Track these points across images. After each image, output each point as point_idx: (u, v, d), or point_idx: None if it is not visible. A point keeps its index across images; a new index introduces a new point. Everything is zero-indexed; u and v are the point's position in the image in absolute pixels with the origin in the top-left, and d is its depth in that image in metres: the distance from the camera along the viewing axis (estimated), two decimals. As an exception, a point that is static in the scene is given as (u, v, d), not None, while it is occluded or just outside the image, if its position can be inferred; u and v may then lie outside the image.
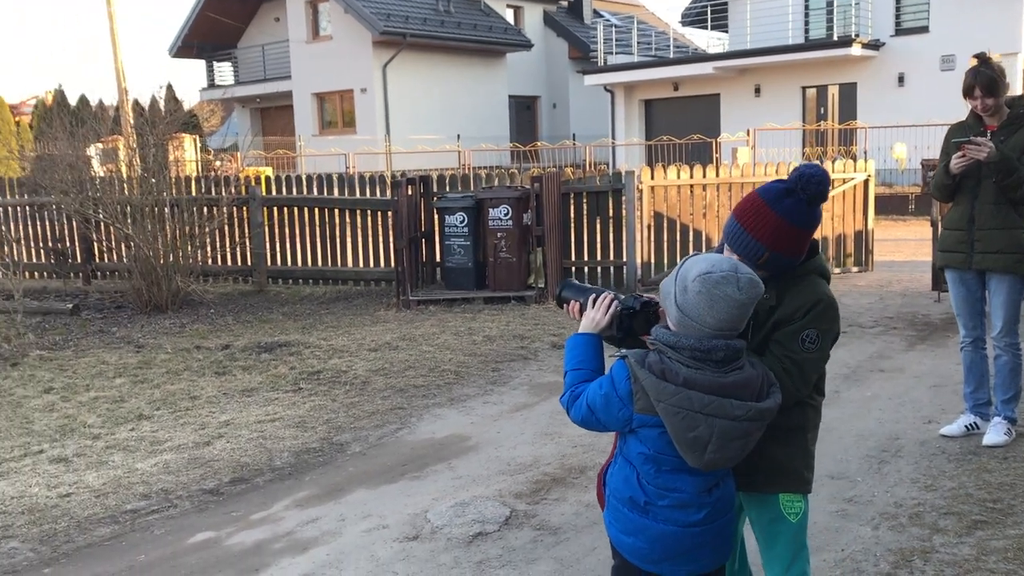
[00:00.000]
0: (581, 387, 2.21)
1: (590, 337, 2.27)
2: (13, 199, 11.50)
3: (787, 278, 2.23)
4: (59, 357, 7.52)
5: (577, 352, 2.27)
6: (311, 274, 10.72)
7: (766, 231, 2.18)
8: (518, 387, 6.18)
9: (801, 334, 2.20)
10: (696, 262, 2.07)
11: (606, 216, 9.83)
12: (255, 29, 31.70)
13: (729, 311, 2.02)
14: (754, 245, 2.20)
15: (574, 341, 2.29)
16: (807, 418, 2.33)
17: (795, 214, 2.19)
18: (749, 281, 2.03)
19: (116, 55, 21.00)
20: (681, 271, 2.08)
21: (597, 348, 2.27)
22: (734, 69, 22.99)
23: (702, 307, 2.02)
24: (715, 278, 2.01)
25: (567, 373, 2.27)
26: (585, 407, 2.17)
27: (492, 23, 29.10)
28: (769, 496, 2.34)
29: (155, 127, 10.56)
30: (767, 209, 2.20)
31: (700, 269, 2.04)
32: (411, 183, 9.59)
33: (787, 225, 2.18)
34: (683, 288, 2.05)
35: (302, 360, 7.10)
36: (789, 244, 2.20)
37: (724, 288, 2.00)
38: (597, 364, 2.25)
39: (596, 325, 2.27)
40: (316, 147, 26.81)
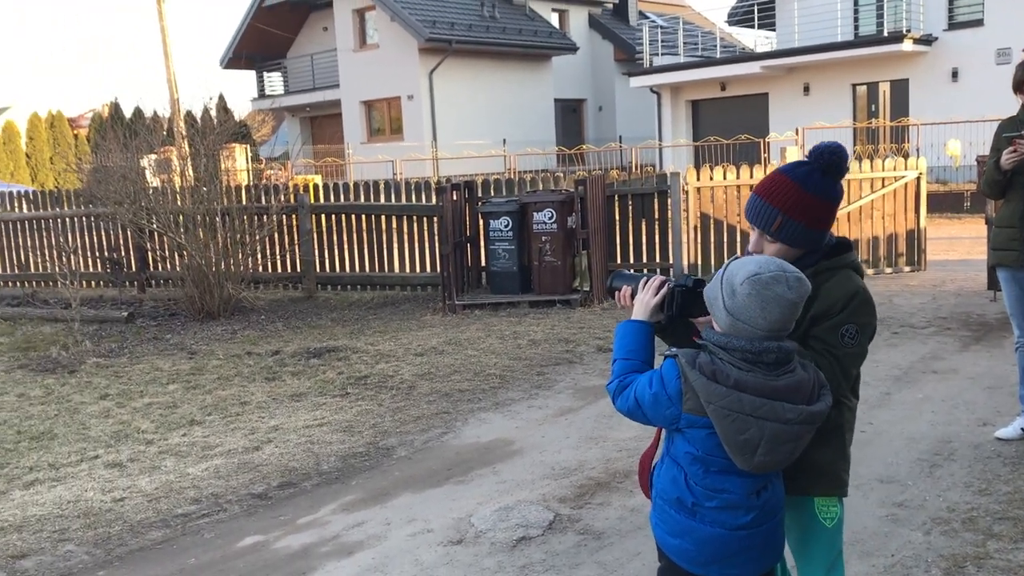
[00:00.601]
0: (630, 378, 2.19)
1: (641, 325, 2.25)
2: (71, 210, 11.81)
3: (822, 271, 2.22)
4: (115, 364, 7.70)
5: (627, 340, 2.25)
6: (359, 280, 10.84)
7: (779, 196, 2.20)
8: (563, 391, 6.17)
9: (840, 329, 2.18)
10: (742, 265, 2.06)
11: (652, 218, 9.78)
12: (304, 39, 32.15)
13: (781, 311, 2.01)
14: (767, 209, 2.21)
15: (625, 328, 2.26)
16: (844, 419, 2.30)
17: (809, 182, 2.19)
18: (797, 279, 2.02)
19: (169, 68, 21.46)
20: (726, 275, 2.07)
21: (648, 337, 2.25)
22: (782, 68, 22.71)
23: (754, 309, 2.01)
24: (765, 279, 2.00)
25: (616, 361, 2.25)
26: (633, 400, 2.16)
27: (537, 27, 29.12)
28: (804, 499, 2.31)
29: (206, 138, 10.77)
30: (782, 176, 2.23)
31: (748, 271, 2.02)
32: (456, 189, 9.64)
33: (801, 191, 2.19)
34: (731, 292, 2.04)
35: (350, 365, 7.17)
36: (804, 211, 2.19)
37: (775, 288, 2.00)
38: (647, 355, 2.23)
39: (647, 307, 2.25)
40: (364, 154, 27.08)
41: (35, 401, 6.57)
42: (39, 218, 11.97)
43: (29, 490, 4.75)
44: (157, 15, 22.25)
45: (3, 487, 4.83)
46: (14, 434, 5.76)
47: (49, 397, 6.67)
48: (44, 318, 9.84)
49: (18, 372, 7.55)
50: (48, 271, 11.61)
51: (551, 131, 29.40)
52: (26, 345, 8.60)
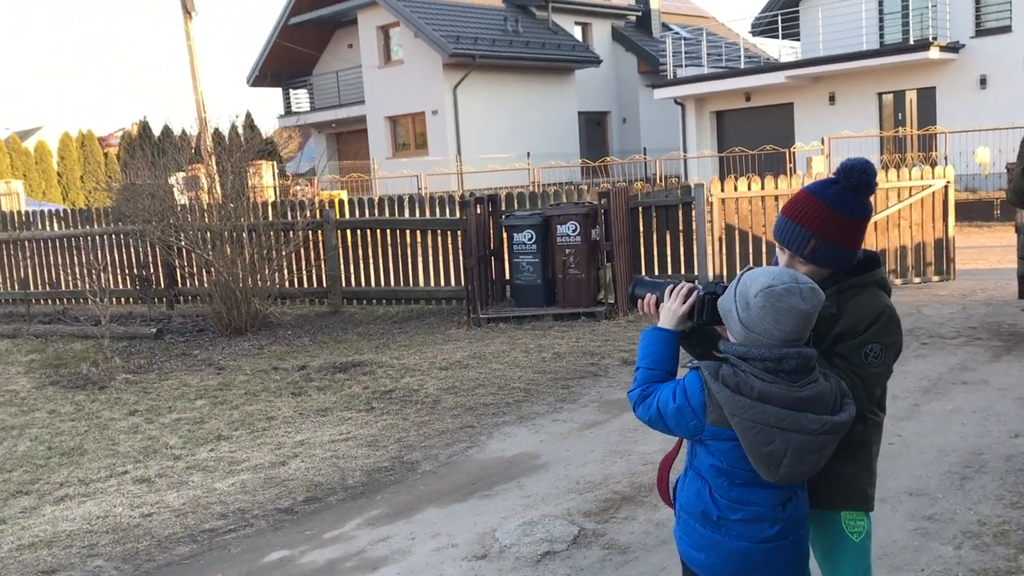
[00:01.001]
0: (653, 387, 2.19)
1: (668, 334, 2.24)
2: (100, 228, 11.97)
3: (848, 288, 2.20)
4: (144, 380, 7.78)
5: (652, 349, 2.24)
6: (384, 294, 10.89)
7: (811, 218, 2.18)
8: (588, 404, 6.16)
9: (865, 348, 2.16)
10: (755, 277, 2.06)
11: (676, 230, 9.75)
12: (329, 56, 32.45)
13: (795, 322, 2.01)
14: (799, 232, 2.19)
15: (651, 336, 2.25)
16: (870, 433, 2.28)
17: (839, 202, 2.18)
18: (811, 290, 2.02)
19: (196, 87, 21.69)
20: (740, 287, 2.07)
21: (674, 347, 2.24)
22: (807, 77, 22.59)
23: (768, 321, 2.01)
24: (778, 291, 2.00)
25: (639, 369, 2.24)
26: (655, 410, 2.16)
27: (560, 41, 29.20)
28: (831, 514, 2.29)
29: (232, 155, 10.88)
30: (811, 198, 2.21)
31: (761, 284, 2.02)
32: (479, 202, 9.67)
33: (831, 212, 2.17)
34: (745, 304, 2.04)
35: (375, 379, 7.20)
36: (836, 233, 2.17)
37: (788, 300, 2.00)
38: (671, 365, 2.22)
39: (675, 315, 2.22)
40: (390, 169, 27.24)
41: (66, 417, 6.66)
42: (70, 236, 12.15)
43: (59, 505, 4.80)
44: (184, 34, 22.54)
45: (34, 502, 4.89)
46: (45, 450, 5.84)
47: (79, 413, 6.76)
48: (75, 335, 9.97)
49: (49, 389, 7.65)
50: (79, 288, 11.76)
51: (575, 144, 29.42)
52: (57, 362, 8.72)
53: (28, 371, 8.46)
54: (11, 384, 7.95)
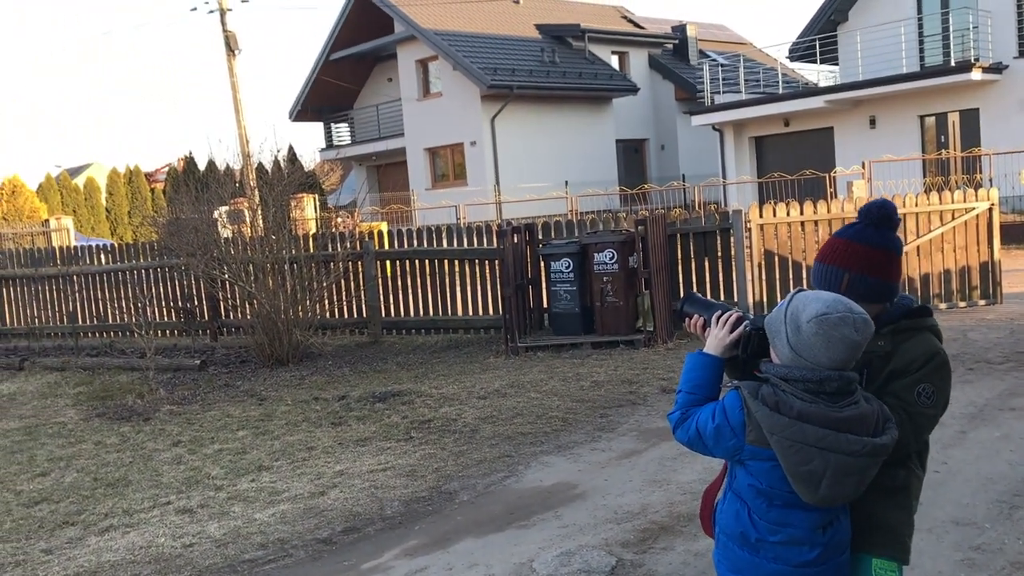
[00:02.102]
0: (693, 410, 2.19)
1: (712, 359, 2.24)
2: (146, 262, 12.21)
3: (904, 329, 2.21)
4: (187, 411, 7.89)
5: (696, 375, 2.24)
6: (423, 324, 10.95)
7: (840, 256, 2.23)
8: (626, 433, 6.12)
9: (918, 387, 2.16)
10: (808, 302, 2.06)
11: (714, 256, 9.70)
12: (369, 90, 32.93)
13: (845, 351, 2.02)
14: (832, 271, 2.23)
15: (695, 361, 2.26)
16: (911, 483, 2.26)
17: (863, 236, 2.23)
18: (864, 321, 2.03)
19: (239, 122, 22.15)
20: (791, 310, 2.07)
21: (717, 373, 2.24)
22: (847, 101, 22.43)
23: (818, 348, 2.01)
24: (832, 320, 2.00)
25: (680, 392, 2.25)
26: (694, 431, 2.17)
27: (597, 70, 29.35)
28: (863, 558, 2.22)
29: (274, 189, 11.06)
30: (837, 240, 2.28)
31: (816, 311, 2.02)
32: (516, 231, 9.72)
33: (857, 245, 2.22)
34: (796, 328, 2.04)
35: (414, 409, 7.23)
36: (865, 265, 2.20)
37: (841, 330, 2.00)
38: (713, 391, 2.23)
39: (720, 344, 2.23)
40: (429, 200, 27.48)
41: (111, 448, 6.77)
42: (117, 270, 12.40)
43: (104, 536, 4.88)
44: (228, 72, 23.08)
45: (80, 533, 4.97)
46: (91, 481, 5.94)
47: (124, 444, 6.87)
48: (121, 367, 10.16)
49: (96, 420, 7.79)
50: (125, 321, 12.00)
51: (613, 171, 29.46)
52: (104, 394, 8.88)
53: (76, 403, 8.63)
54: (60, 416, 8.11)
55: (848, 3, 23.51)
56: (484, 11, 29.91)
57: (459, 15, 28.92)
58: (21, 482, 6.04)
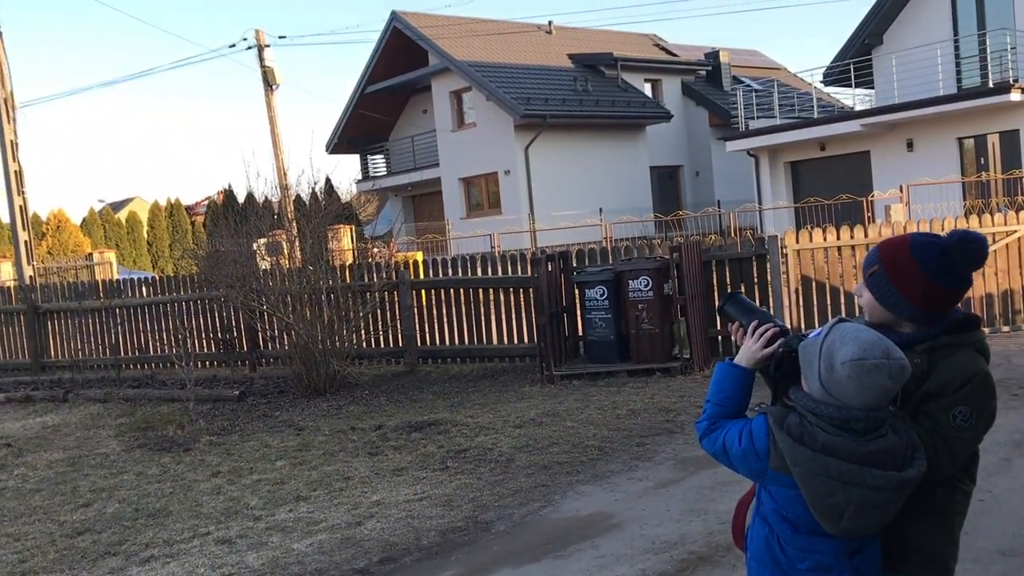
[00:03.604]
0: (721, 422, 2.18)
1: (742, 372, 2.21)
2: (187, 294, 12.41)
3: (942, 347, 2.11)
4: (226, 442, 7.97)
5: (725, 386, 2.22)
6: (458, 353, 10.98)
7: (886, 246, 2.16)
8: (663, 462, 6.08)
9: (953, 410, 2.07)
10: (846, 340, 2.00)
11: (751, 282, 9.64)
12: (404, 122, 33.32)
13: (876, 397, 1.98)
14: (873, 254, 2.18)
15: (725, 372, 2.23)
16: (954, 501, 2.16)
17: (917, 245, 2.14)
18: (900, 368, 1.97)
19: (278, 155, 22.50)
20: (827, 345, 2.02)
21: (747, 385, 2.21)
22: (883, 125, 22.25)
23: (849, 391, 1.97)
24: (868, 366, 1.95)
25: (709, 402, 2.23)
26: (720, 446, 2.16)
27: (630, 98, 29.44)
28: None
29: (312, 220, 11.21)
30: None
31: (851, 354, 1.96)
32: (551, 259, 9.74)
33: (904, 249, 2.14)
34: (829, 366, 2.00)
35: (450, 438, 7.24)
36: (898, 270, 2.13)
37: (876, 376, 1.95)
38: (742, 403, 2.20)
39: (752, 357, 2.20)
40: (464, 229, 27.64)
41: (152, 479, 6.85)
42: (158, 303, 12.61)
43: (145, 567, 4.93)
44: (266, 106, 23.49)
45: (121, 563, 5.03)
46: (132, 511, 6.01)
47: (165, 475, 6.95)
48: (162, 398, 10.29)
49: (137, 451, 7.89)
50: (166, 353, 12.17)
51: (647, 198, 29.45)
52: (145, 425, 9.00)
53: (118, 434, 8.75)
54: (102, 447, 8.23)
55: (882, 27, 23.40)
56: (517, 42, 30.20)
57: (492, 47, 29.22)
58: (65, 512, 6.13)
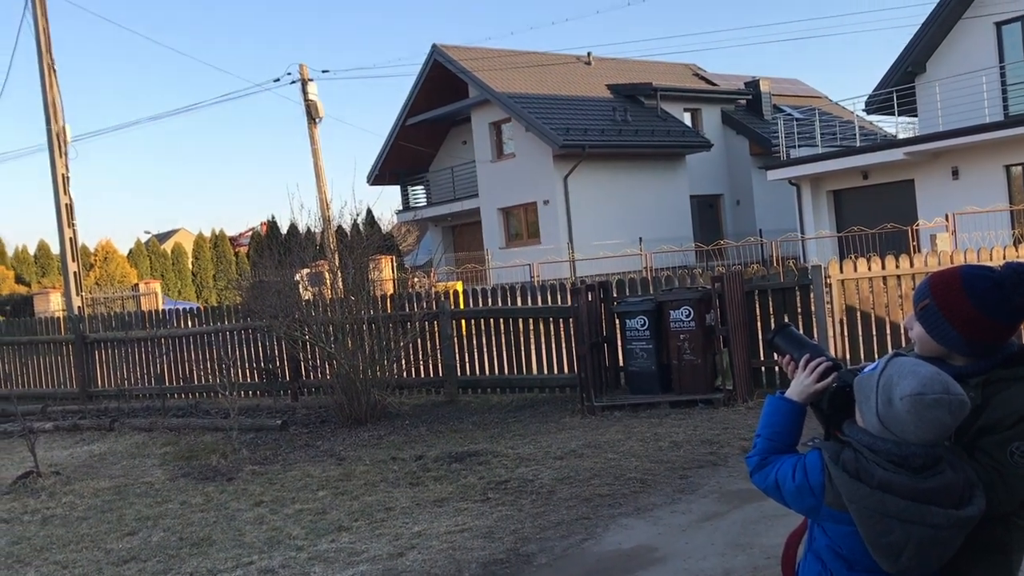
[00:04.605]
0: (773, 458, 2.15)
1: (793, 406, 2.18)
2: (230, 324, 12.57)
3: (997, 380, 2.06)
4: (269, 471, 8.02)
5: (775, 420, 2.19)
6: (498, 383, 10.97)
7: (938, 280, 2.12)
8: (707, 495, 6.00)
9: (1010, 445, 2.01)
10: (904, 375, 1.97)
11: (794, 313, 9.53)
12: (444, 153, 33.64)
13: (935, 433, 1.95)
14: (923, 287, 2.14)
15: (775, 406, 2.20)
16: (1012, 538, 2.10)
17: (969, 279, 2.09)
18: (960, 404, 1.94)
19: (320, 187, 22.81)
20: (885, 379, 1.99)
21: (798, 420, 2.18)
22: (927, 153, 21.99)
23: (907, 426, 1.94)
24: (927, 401, 1.92)
25: (759, 436, 2.20)
26: (773, 481, 2.13)
27: (669, 127, 29.46)
28: None
29: (354, 251, 11.32)
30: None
31: (911, 389, 1.94)
32: (591, 289, 9.72)
33: (956, 282, 2.10)
34: (887, 400, 1.97)
35: (490, 469, 7.22)
36: (951, 304, 2.09)
37: (935, 412, 1.92)
38: (793, 438, 2.17)
39: (804, 391, 2.17)
40: (503, 259, 27.73)
41: (196, 508, 6.91)
42: (202, 333, 12.78)
43: (189, 595, 4.96)
44: (309, 139, 23.85)
45: (165, 592, 5.06)
46: (176, 540, 6.06)
47: (208, 504, 7.00)
48: (206, 427, 10.40)
49: (181, 480, 7.97)
50: (210, 382, 12.32)
51: (688, 228, 29.34)
52: (189, 454, 9.10)
53: (163, 463, 8.85)
54: (147, 476, 8.33)
55: (925, 55, 23.21)
56: (556, 74, 30.43)
57: (532, 78, 29.46)
58: (111, 540, 6.20)
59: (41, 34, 16.91)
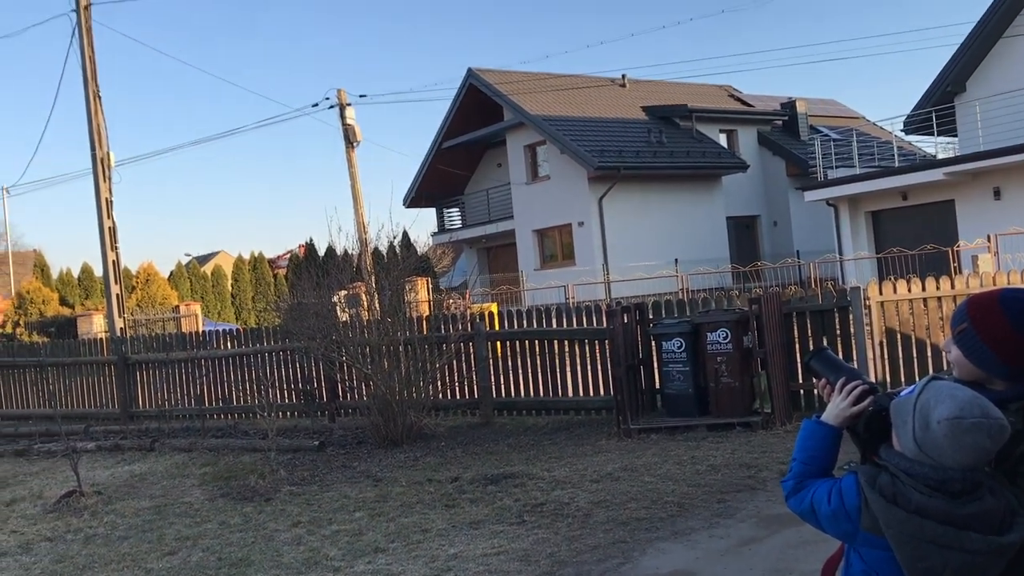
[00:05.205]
0: (809, 482, 2.14)
1: (829, 430, 2.17)
2: (269, 346, 12.70)
3: None
4: (306, 492, 8.07)
5: (811, 444, 2.18)
6: (534, 404, 10.96)
7: (977, 304, 2.10)
8: (746, 519, 5.94)
9: None
10: (941, 399, 1.95)
11: (833, 335, 9.43)
12: (479, 175, 33.85)
13: (974, 457, 1.92)
14: (961, 312, 2.12)
15: (811, 430, 2.20)
16: None
17: (1009, 303, 2.07)
18: (1000, 428, 1.91)
19: (358, 210, 23.04)
20: (922, 403, 1.98)
21: (834, 444, 2.17)
22: (968, 173, 21.72)
23: (945, 450, 1.92)
24: (966, 425, 1.90)
25: (795, 461, 2.20)
26: (808, 505, 2.12)
27: (705, 148, 29.38)
28: None
29: (390, 273, 11.42)
30: (995, 291, 2.10)
31: (948, 412, 1.92)
32: (626, 311, 9.70)
33: (995, 305, 2.08)
34: (924, 424, 1.95)
35: (526, 492, 7.20)
36: (989, 329, 2.07)
37: (974, 436, 1.90)
38: (829, 462, 2.17)
39: (840, 415, 2.16)
40: (538, 280, 27.75)
41: (234, 528, 6.97)
42: (241, 354, 12.93)
43: (228, 615, 5.00)
44: (347, 163, 24.12)
45: (205, 611, 5.11)
46: (215, 560, 6.12)
47: (247, 524, 7.06)
48: (244, 448, 10.50)
49: (220, 500, 8.05)
50: (248, 403, 12.44)
51: (724, 249, 29.17)
52: (228, 474, 9.18)
53: (202, 483, 8.95)
54: (187, 496, 8.42)
55: (965, 74, 22.98)
56: (590, 96, 30.53)
57: (566, 101, 29.60)
58: (152, 560, 6.27)
59: (87, 63, 17.33)
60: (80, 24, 17.32)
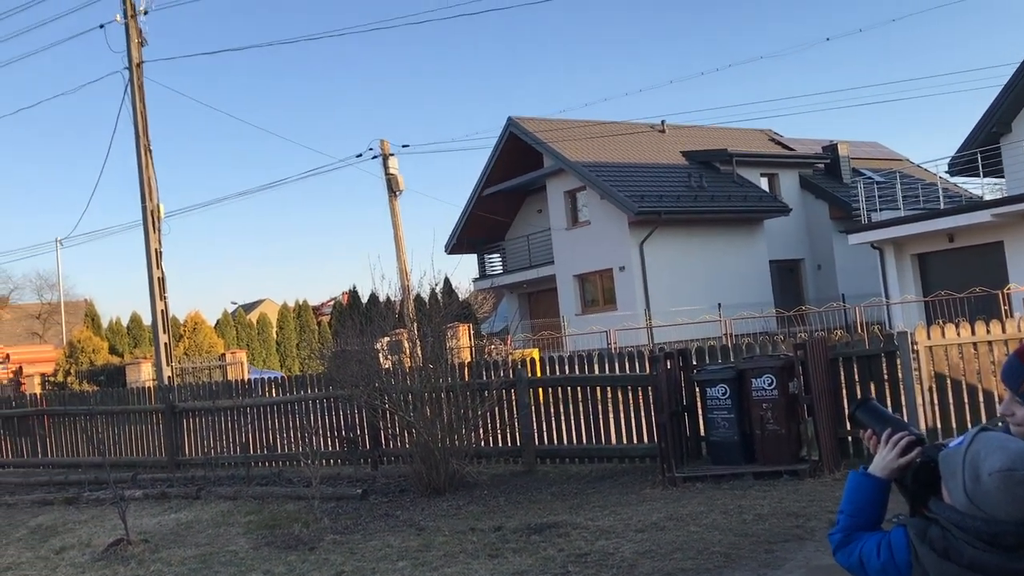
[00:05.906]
0: (857, 535, 2.12)
1: (876, 482, 2.15)
2: (313, 393, 12.79)
3: None
4: (349, 541, 8.07)
5: (858, 496, 2.16)
6: (576, 452, 10.87)
7: None
8: (794, 570, 5.82)
9: None
10: (991, 451, 1.92)
11: (880, 380, 9.27)
12: (520, 221, 34.07)
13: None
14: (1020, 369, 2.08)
15: (858, 482, 2.18)
16: None
17: None
18: None
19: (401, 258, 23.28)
20: (971, 455, 1.94)
21: (881, 496, 2.15)
22: (1016, 214, 21.35)
23: (997, 504, 1.89)
24: (1018, 477, 1.86)
25: (842, 513, 2.18)
26: (857, 559, 2.09)
27: (746, 192, 29.31)
28: None
29: (432, 319, 11.48)
30: None
31: (1000, 464, 1.89)
32: (669, 357, 9.64)
33: None
34: (975, 477, 1.92)
35: (570, 542, 7.13)
36: None
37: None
38: (877, 515, 2.14)
39: (887, 467, 2.14)
40: (579, 326, 27.70)
41: (279, 577, 6.98)
42: (285, 402, 13.03)
43: (272, 665, 4.99)
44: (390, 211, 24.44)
45: (249, 662, 5.11)
46: (260, 609, 6.12)
47: (291, 573, 7.07)
48: (288, 496, 10.54)
49: (264, 549, 8.08)
50: (292, 451, 12.50)
51: (768, 293, 28.91)
52: (272, 522, 9.22)
53: (246, 531, 8.99)
54: (231, 544, 8.46)
55: (1010, 115, 22.73)
56: (630, 142, 30.69)
57: (606, 147, 29.78)
58: (197, 609, 6.30)
59: (139, 118, 17.87)
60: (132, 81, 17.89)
